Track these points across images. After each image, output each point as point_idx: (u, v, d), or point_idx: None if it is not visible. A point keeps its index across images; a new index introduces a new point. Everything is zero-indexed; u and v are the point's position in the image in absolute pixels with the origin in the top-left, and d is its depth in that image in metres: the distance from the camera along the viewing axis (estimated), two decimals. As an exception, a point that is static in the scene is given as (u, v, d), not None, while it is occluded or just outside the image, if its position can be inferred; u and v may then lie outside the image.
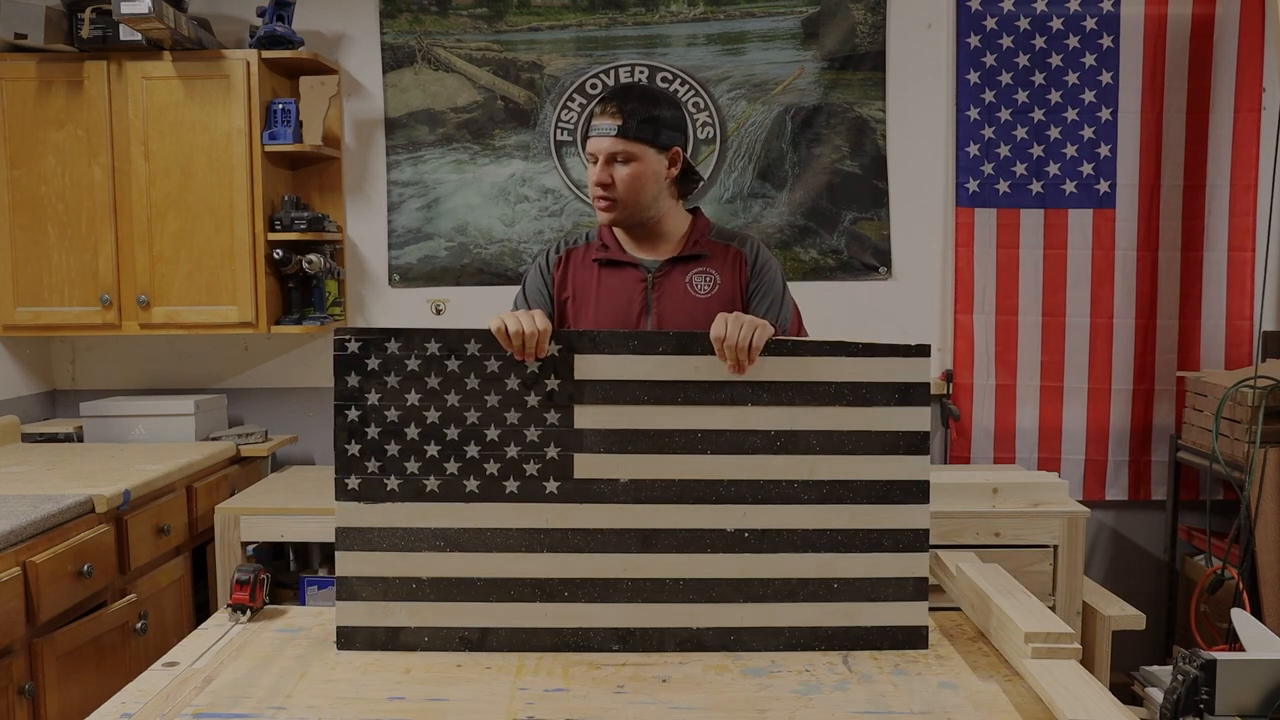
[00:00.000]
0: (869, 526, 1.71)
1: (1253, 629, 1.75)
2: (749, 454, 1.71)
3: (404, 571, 1.69)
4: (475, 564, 1.68)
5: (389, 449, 1.71)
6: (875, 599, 1.70)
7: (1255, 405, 3.10)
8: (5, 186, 3.44)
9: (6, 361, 3.64)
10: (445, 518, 1.70)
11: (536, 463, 1.70)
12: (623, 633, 1.65)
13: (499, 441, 1.71)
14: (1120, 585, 3.68)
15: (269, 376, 3.87)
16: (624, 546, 1.68)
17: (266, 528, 2.98)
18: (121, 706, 1.54)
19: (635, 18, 3.71)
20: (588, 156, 2.08)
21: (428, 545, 1.69)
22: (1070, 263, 3.68)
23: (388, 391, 1.72)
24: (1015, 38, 3.65)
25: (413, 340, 1.73)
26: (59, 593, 2.47)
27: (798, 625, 1.68)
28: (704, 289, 2.09)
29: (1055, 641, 1.63)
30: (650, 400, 1.72)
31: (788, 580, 1.69)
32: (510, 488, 1.70)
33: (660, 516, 1.69)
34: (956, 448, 3.74)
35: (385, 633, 1.67)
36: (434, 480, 1.70)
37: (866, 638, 1.71)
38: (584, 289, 2.12)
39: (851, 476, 1.72)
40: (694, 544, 1.69)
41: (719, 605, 1.68)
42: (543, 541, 1.68)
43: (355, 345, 1.74)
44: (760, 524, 1.70)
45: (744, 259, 2.13)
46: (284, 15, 3.49)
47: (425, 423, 1.71)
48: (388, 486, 1.70)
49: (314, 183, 3.78)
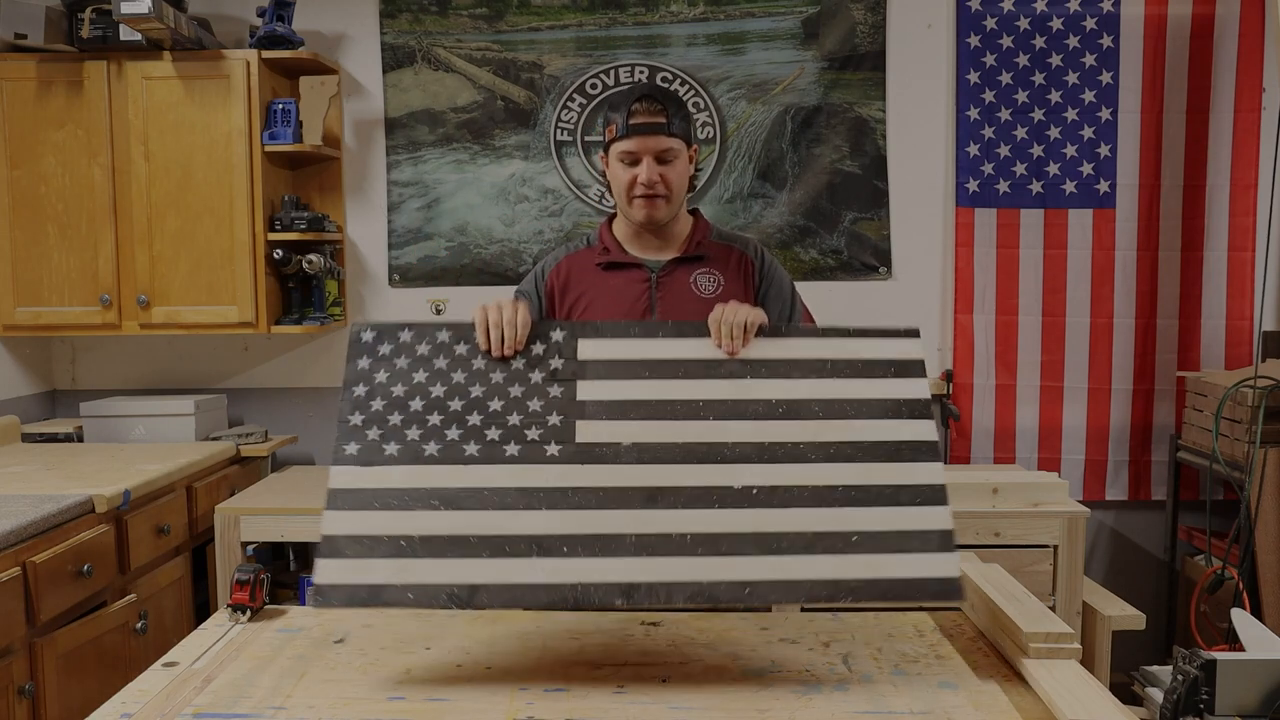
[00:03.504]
0: (882, 482, 1.64)
1: (1253, 629, 1.75)
2: (751, 419, 1.69)
3: (394, 530, 1.60)
4: (469, 521, 1.60)
5: (391, 419, 1.70)
6: (899, 551, 1.59)
7: (1255, 405, 3.10)
8: (5, 186, 3.44)
9: (6, 361, 3.64)
10: (442, 479, 1.64)
11: (538, 429, 1.68)
12: (626, 588, 1.53)
13: (501, 411, 1.70)
14: (1120, 585, 3.68)
15: (269, 376, 3.87)
16: (627, 503, 1.61)
17: (266, 528, 2.98)
18: (121, 706, 1.54)
19: (635, 18, 3.71)
20: (623, 155, 2.03)
21: (421, 505, 1.62)
22: (1070, 263, 3.68)
23: (396, 371, 1.76)
24: (1015, 38, 3.65)
25: (425, 330, 1.79)
26: (59, 593, 2.47)
27: (817, 578, 1.56)
28: (709, 289, 2.08)
29: (1055, 641, 1.63)
30: (652, 375, 1.74)
31: (802, 534, 1.59)
32: (510, 451, 1.66)
33: (665, 475, 1.64)
34: (956, 448, 3.74)
35: (367, 590, 1.56)
36: (433, 445, 1.67)
37: (894, 590, 1.56)
38: (588, 293, 2.11)
39: (857, 438, 1.68)
40: (701, 500, 1.62)
41: (731, 558, 1.58)
42: (541, 500, 1.62)
43: (370, 334, 1.80)
44: (769, 481, 1.64)
45: (750, 262, 2.12)
46: (284, 15, 3.49)
47: (430, 396, 1.72)
48: (386, 452, 1.67)
49: (314, 183, 3.78)
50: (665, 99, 2.02)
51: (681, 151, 2.03)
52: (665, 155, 2.01)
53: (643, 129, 1.99)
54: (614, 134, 2.03)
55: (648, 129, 1.99)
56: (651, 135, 1.99)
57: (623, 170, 2.04)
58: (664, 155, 2.01)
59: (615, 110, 2.03)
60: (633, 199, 2.04)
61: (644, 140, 2.00)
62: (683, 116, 2.03)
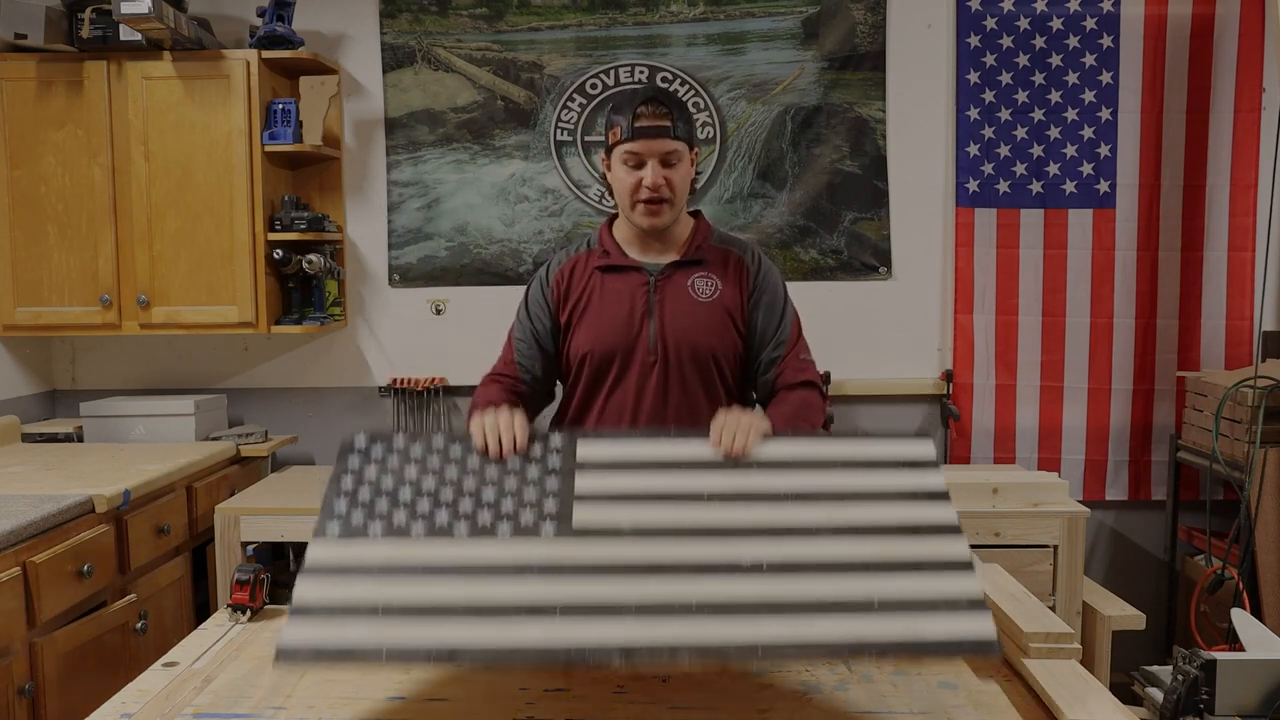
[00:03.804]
0: (903, 557, 1.49)
1: (1253, 629, 1.75)
2: (759, 504, 1.57)
3: (371, 596, 1.45)
4: (453, 588, 1.46)
5: (378, 505, 1.59)
6: (927, 612, 1.42)
7: (1255, 405, 3.10)
8: (5, 186, 3.44)
9: (6, 361, 3.64)
10: (425, 552, 1.52)
11: (532, 512, 1.57)
12: (626, 650, 1.37)
13: (493, 499, 1.59)
14: (1120, 585, 3.68)
15: (269, 376, 3.87)
16: (627, 574, 1.47)
17: (266, 528, 2.98)
18: (121, 706, 1.54)
19: (635, 18, 3.71)
20: (627, 157, 2.00)
21: (402, 574, 1.48)
22: (1070, 263, 3.68)
23: (387, 468, 1.66)
24: (1015, 38, 3.65)
25: (420, 436, 1.71)
26: (59, 593, 2.47)
27: (838, 639, 1.38)
28: (706, 293, 2.07)
29: (1055, 641, 1.63)
30: (653, 468, 1.64)
31: (820, 601, 1.42)
32: (502, 530, 1.54)
33: (667, 551, 1.50)
34: (956, 448, 3.74)
35: (336, 650, 1.39)
36: (419, 524, 1.56)
37: (925, 649, 1.38)
38: (587, 296, 2.10)
39: (874, 521, 1.54)
40: (707, 572, 1.47)
41: (741, 620, 1.41)
42: (534, 571, 1.48)
43: (363, 439, 1.71)
44: (779, 557, 1.49)
45: (746, 267, 2.11)
46: (284, 15, 3.49)
47: (419, 487, 1.62)
48: (369, 531, 1.56)
49: (314, 183, 3.78)
50: (669, 102, 2.01)
51: (685, 154, 2.02)
52: (670, 158, 2.00)
53: (648, 131, 1.97)
54: (618, 137, 2.00)
55: (653, 131, 1.97)
56: (657, 138, 1.97)
57: (626, 173, 2.02)
58: (668, 158, 2.00)
59: (619, 113, 2.01)
60: (636, 203, 2.02)
61: (649, 143, 1.98)
62: (686, 119, 2.02)
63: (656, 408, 2.03)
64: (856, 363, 3.73)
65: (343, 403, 3.84)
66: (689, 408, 2.03)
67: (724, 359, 2.07)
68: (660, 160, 1.99)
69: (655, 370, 2.04)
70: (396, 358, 3.84)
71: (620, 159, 2.02)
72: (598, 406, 2.07)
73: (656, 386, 2.04)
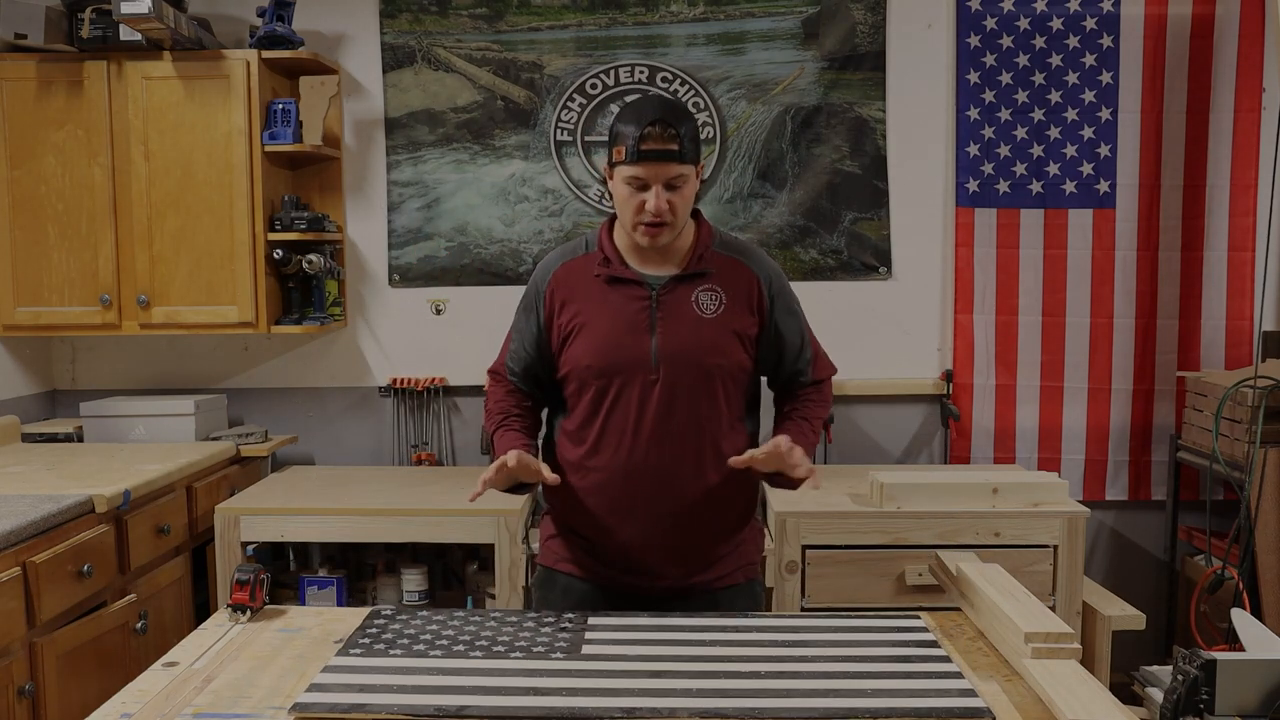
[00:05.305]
0: (894, 668, 1.66)
1: (1253, 629, 1.75)
2: (760, 647, 1.75)
3: (388, 681, 1.61)
4: (466, 679, 1.62)
5: (400, 641, 1.78)
6: (919, 696, 1.55)
7: (1255, 405, 3.10)
8: (5, 186, 3.44)
9: (6, 361, 3.64)
10: (440, 663, 1.68)
11: (544, 647, 1.75)
12: (627, 711, 1.50)
13: (508, 641, 1.78)
14: (1120, 585, 3.67)
15: (269, 376, 3.87)
16: (632, 676, 1.63)
17: (266, 528, 2.98)
18: (121, 706, 1.54)
19: (635, 18, 3.71)
20: (630, 179, 1.93)
21: (419, 674, 1.64)
22: (1070, 263, 3.68)
23: (409, 624, 1.86)
24: (1015, 38, 3.65)
25: (442, 610, 1.95)
26: (59, 593, 2.47)
27: (834, 706, 1.52)
28: (710, 308, 2.01)
29: (1055, 641, 1.63)
30: (659, 631, 1.83)
31: (816, 689, 1.58)
32: (515, 655, 1.71)
33: (670, 666, 1.67)
34: (956, 448, 3.74)
35: (348, 706, 1.52)
36: (439, 650, 1.74)
37: (919, 713, 1.50)
38: (586, 305, 2.03)
39: (867, 654, 1.73)
40: (707, 677, 1.63)
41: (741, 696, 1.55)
42: (544, 674, 1.64)
43: (389, 609, 1.95)
44: (778, 670, 1.66)
45: (758, 283, 2.05)
46: (284, 15, 3.49)
47: (439, 634, 1.82)
48: (389, 652, 1.73)
49: (314, 183, 3.78)
50: (677, 120, 1.93)
51: (690, 176, 1.96)
52: (675, 181, 1.93)
53: (654, 155, 1.90)
54: (622, 156, 1.92)
55: (659, 156, 1.90)
56: (667, 163, 1.90)
57: (630, 194, 1.94)
58: (673, 182, 1.93)
59: (625, 129, 1.93)
60: (638, 224, 1.96)
61: (654, 168, 1.90)
62: (693, 138, 1.95)
63: (657, 426, 1.98)
64: (856, 363, 3.72)
65: (343, 403, 3.84)
66: (691, 426, 1.99)
67: (727, 376, 2.01)
68: (665, 184, 1.92)
69: (656, 389, 1.97)
70: (396, 358, 3.84)
71: (624, 179, 1.95)
72: (597, 425, 2.01)
73: (657, 405, 1.97)
